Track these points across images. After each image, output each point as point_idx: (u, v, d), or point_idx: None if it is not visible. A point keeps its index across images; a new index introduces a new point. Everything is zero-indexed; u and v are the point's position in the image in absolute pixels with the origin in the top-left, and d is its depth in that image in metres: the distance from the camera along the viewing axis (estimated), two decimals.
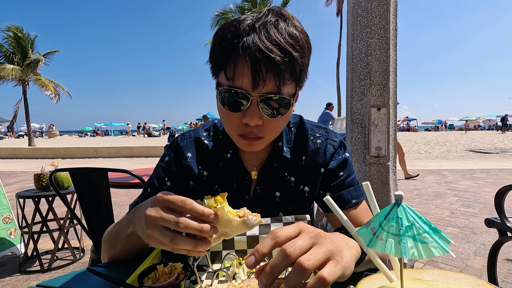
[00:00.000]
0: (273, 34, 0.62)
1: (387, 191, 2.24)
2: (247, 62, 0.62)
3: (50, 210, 2.65)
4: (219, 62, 0.67)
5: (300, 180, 0.84)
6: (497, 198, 1.80)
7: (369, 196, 0.45)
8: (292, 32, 0.64)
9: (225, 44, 0.64)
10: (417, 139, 19.56)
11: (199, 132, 0.87)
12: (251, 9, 20.01)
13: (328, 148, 0.85)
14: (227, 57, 0.64)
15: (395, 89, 2.30)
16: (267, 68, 0.61)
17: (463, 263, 2.60)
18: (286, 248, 0.42)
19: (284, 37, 0.62)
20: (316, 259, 0.42)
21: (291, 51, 0.62)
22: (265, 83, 0.62)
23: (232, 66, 0.64)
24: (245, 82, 0.63)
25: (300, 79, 0.69)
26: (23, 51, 17.41)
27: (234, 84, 0.64)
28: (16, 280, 2.44)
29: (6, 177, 7.40)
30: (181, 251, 0.51)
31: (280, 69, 0.62)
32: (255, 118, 0.65)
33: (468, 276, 0.45)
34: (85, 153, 12.71)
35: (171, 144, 0.87)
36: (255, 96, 0.64)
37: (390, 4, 2.17)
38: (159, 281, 0.55)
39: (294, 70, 0.64)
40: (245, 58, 0.62)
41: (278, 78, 0.62)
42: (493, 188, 5.27)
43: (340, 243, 0.48)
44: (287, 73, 0.64)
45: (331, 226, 0.87)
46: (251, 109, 0.65)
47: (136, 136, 33.78)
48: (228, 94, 0.65)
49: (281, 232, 0.45)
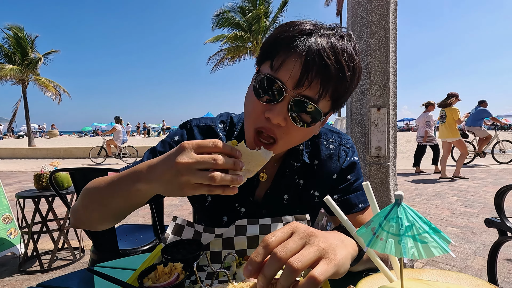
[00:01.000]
0: (336, 44, 0.61)
1: (387, 191, 2.24)
2: (300, 59, 0.59)
3: (50, 210, 2.65)
4: (270, 51, 0.64)
5: (311, 185, 0.83)
6: (497, 198, 1.80)
7: (369, 196, 0.45)
8: (352, 53, 0.63)
9: (282, 36, 0.62)
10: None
11: (216, 122, 0.84)
12: (251, 9, 20.01)
13: (341, 154, 0.84)
14: (280, 47, 0.62)
15: (395, 89, 2.30)
16: (318, 73, 0.59)
17: (463, 263, 2.60)
18: (277, 253, 0.43)
19: (343, 53, 0.61)
20: (306, 259, 0.42)
21: (345, 67, 0.61)
22: (310, 86, 0.60)
23: (282, 57, 0.61)
24: (289, 77, 0.60)
25: (339, 101, 0.66)
26: (23, 51, 17.41)
27: (276, 75, 0.61)
28: (16, 280, 2.44)
29: (6, 177, 7.40)
30: (217, 191, 0.54)
31: (330, 78, 0.60)
32: (279, 116, 0.61)
33: (468, 276, 0.45)
34: (85, 153, 12.71)
35: (184, 124, 0.84)
36: (291, 94, 0.61)
37: (390, 4, 2.17)
38: (159, 281, 0.55)
39: (338, 88, 0.62)
40: (301, 54, 0.59)
41: (323, 87, 0.60)
42: (493, 188, 5.27)
43: (334, 241, 0.48)
44: (332, 88, 0.62)
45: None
46: (280, 106, 0.61)
47: (136, 136, 33.79)
48: (265, 82, 0.62)
49: (272, 238, 0.45)
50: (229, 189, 0.55)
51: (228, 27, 20.76)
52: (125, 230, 2.09)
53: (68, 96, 20.03)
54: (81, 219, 0.71)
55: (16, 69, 16.88)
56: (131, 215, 4.12)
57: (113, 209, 0.66)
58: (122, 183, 0.62)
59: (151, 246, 1.82)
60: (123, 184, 0.61)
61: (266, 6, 20.38)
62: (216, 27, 20.49)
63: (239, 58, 21.91)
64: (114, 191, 0.63)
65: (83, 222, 0.72)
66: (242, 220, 0.73)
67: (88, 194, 0.69)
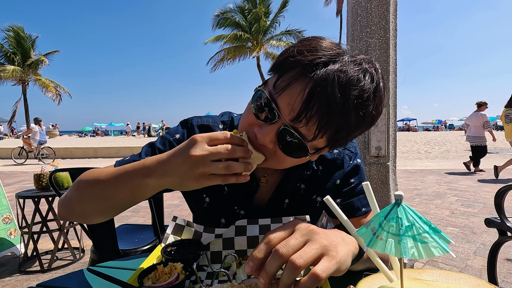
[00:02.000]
0: (348, 83, 0.53)
1: (387, 191, 2.24)
2: (305, 89, 0.53)
3: (50, 210, 2.65)
4: (281, 64, 0.59)
5: (313, 190, 0.82)
6: (497, 198, 1.80)
7: (369, 196, 0.45)
8: (368, 97, 0.55)
9: (298, 56, 0.56)
10: (417, 139, 19.55)
11: (217, 122, 0.83)
12: (251, 9, 20.01)
13: (346, 159, 0.83)
14: (291, 67, 0.57)
15: (395, 89, 2.30)
16: (317, 110, 0.53)
17: (463, 263, 2.60)
18: (279, 249, 0.43)
19: (355, 94, 0.54)
20: (308, 256, 0.43)
21: (351, 114, 0.54)
22: (306, 125, 0.55)
23: (287, 80, 0.56)
24: (287, 104, 0.56)
25: (336, 143, 0.61)
26: (24, 51, 17.41)
27: (276, 98, 0.57)
28: (16, 280, 2.44)
29: (6, 177, 7.40)
30: (231, 180, 0.56)
31: (328, 122, 0.54)
32: (266, 139, 0.58)
33: (468, 276, 0.45)
34: (85, 153, 12.71)
35: (185, 122, 0.83)
36: (282, 122, 0.57)
37: (390, 4, 2.17)
38: (159, 281, 0.55)
39: (339, 133, 0.57)
40: (307, 83, 0.54)
41: (319, 127, 0.55)
42: (493, 188, 5.28)
43: (335, 238, 0.48)
44: (330, 131, 0.56)
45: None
46: (270, 128, 0.58)
47: (136, 136, 33.77)
48: (263, 99, 0.58)
49: (273, 235, 0.46)
50: (241, 176, 0.57)
51: (228, 27, 20.77)
52: (125, 230, 2.09)
53: (69, 96, 20.04)
54: (74, 211, 0.69)
55: (17, 69, 16.88)
56: (131, 215, 4.12)
57: (115, 202, 0.64)
58: (129, 177, 0.60)
59: (151, 246, 1.82)
60: (130, 178, 0.60)
61: (266, 6, 20.38)
62: (216, 27, 20.51)
63: (239, 58, 21.92)
64: (118, 184, 0.61)
65: (77, 214, 0.69)
66: (242, 220, 0.72)
67: (85, 186, 0.66)
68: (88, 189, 0.66)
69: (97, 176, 0.65)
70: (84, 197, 0.67)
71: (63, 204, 0.70)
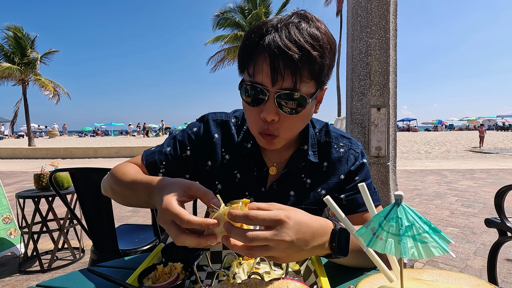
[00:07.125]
0: (293, 33, 0.64)
1: (387, 191, 2.24)
2: (266, 59, 0.65)
3: (50, 210, 2.65)
4: (243, 60, 0.71)
5: (318, 184, 0.85)
6: (497, 198, 1.80)
7: (365, 197, 0.45)
8: (313, 32, 0.66)
9: (248, 43, 0.69)
10: (417, 139, 19.56)
11: (230, 116, 0.90)
12: (251, 9, 20.02)
13: (350, 158, 0.87)
14: (250, 54, 0.68)
15: (395, 89, 2.30)
16: (285, 65, 0.64)
17: (463, 263, 2.60)
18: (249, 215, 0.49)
19: (303, 36, 0.64)
20: (261, 216, 0.49)
21: (309, 49, 0.64)
22: (283, 79, 0.65)
23: (253, 63, 0.68)
24: (264, 77, 0.66)
25: (320, 78, 0.69)
26: (23, 51, 17.40)
27: (255, 80, 0.67)
28: (16, 280, 2.44)
29: (6, 177, 7.40)
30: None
31: (297, 67, 0.64)
32: (271, 113, 0.67)
33: (468, 276, 0.45)
34: (85, 153, 12.71)
35: (202, 118, 0.91)
36: (272, 92, 0.66)
37: (390, 4, 2.17)
38: (159, 281, 0.55)
39: (312, 69, 0.66)
40: (265, 55, 0.65)
41: (295, 75, 0.65)
42: (493, 188, 5.28)
43: (304, 236, 0.52)
44: (305, 71, 0.65)
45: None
46: (268, 104, 0.67)
47: (136, 136, 33.78)
48: (248, 89, 0.69)
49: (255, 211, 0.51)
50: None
51: (228, 27, 20.77)
52: (125, 230, 2.09)
53: (68, 97, 20.03)
54: (109, 193, 0.81)
55: (15, 68, 16.84)
56: (131, 215, 4.12)
57: (135, 202, 0.73)
58: (139, 190, 0.68)
59: (151, 246, 1.82)
60: (139, 192, 0.68)
61: (266, 6, 20.38)
62: (216, 27, 20.50)
63: None
64: (132, 192, 0.71)
65: (112, 197, 0.81)
66: None
67: (113, 181, 0.77)
68: (115, 185, 0.76)
69: (122, 176, 0.76)
70: (113, 188, 0.78)
71: (103, 182, 0.83)
